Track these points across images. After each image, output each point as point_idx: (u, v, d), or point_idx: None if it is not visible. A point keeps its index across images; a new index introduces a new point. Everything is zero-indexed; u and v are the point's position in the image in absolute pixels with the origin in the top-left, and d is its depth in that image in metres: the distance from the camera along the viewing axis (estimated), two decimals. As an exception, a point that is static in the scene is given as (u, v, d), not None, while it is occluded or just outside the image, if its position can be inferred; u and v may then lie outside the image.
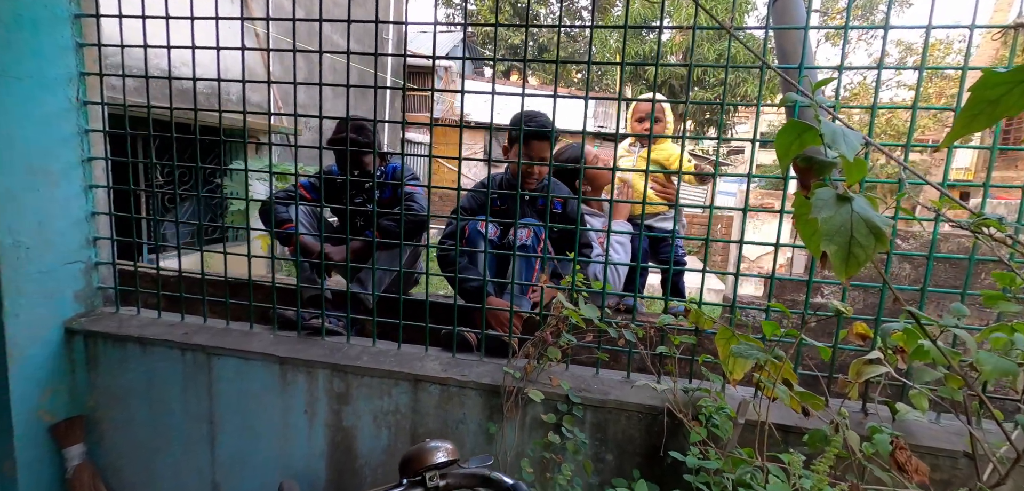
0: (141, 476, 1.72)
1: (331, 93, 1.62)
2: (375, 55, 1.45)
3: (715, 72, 14.55)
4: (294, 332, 1.66)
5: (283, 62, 6.57)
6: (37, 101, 1.48)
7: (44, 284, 1.57)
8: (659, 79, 15.34)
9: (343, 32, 1.52)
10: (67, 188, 1.60)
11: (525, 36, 1.41)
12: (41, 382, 1.59)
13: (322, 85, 1.48)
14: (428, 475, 0.72)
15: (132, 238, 1.69)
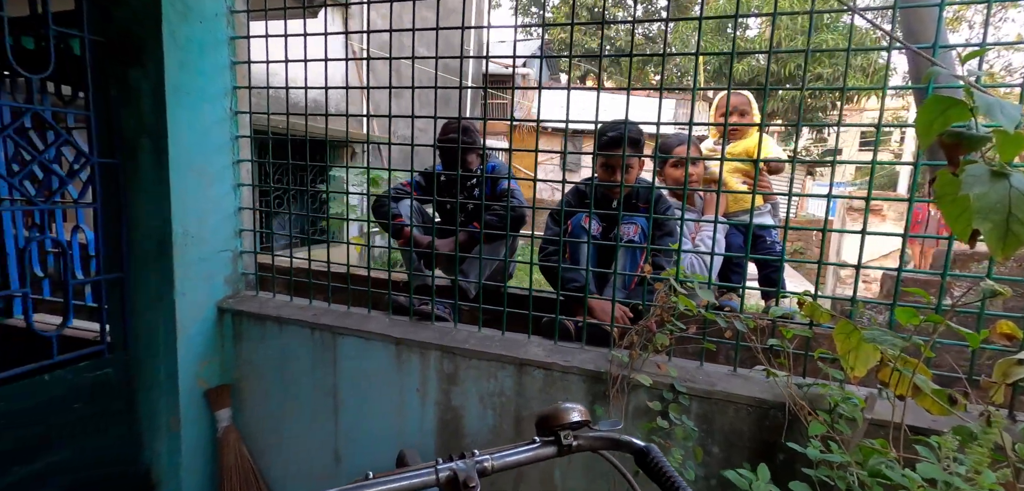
0: (273, 442, 1.94)
1: (417, 102, 1.75)
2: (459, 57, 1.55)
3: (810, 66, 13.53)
4: (406, 317, 1.80)
5: (375, 76, 7.07)
6: (201, 113, 1.74)
7: (202, 269, 1.83)
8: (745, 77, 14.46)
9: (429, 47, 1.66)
10: (220, 187, 1.86)
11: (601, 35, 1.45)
12: (199, 353, 1.86)
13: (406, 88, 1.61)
14: (562, 433, 0.77)
15: (267, 231, 1.92)
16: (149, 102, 1.63)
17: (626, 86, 1.42)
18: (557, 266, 1.63)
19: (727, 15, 1.39)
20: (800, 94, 1.29)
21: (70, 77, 1.72)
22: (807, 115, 14.38)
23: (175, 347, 1.77)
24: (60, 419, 1.56)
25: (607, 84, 16.00)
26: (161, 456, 1.86)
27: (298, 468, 1.92)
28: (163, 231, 1.70)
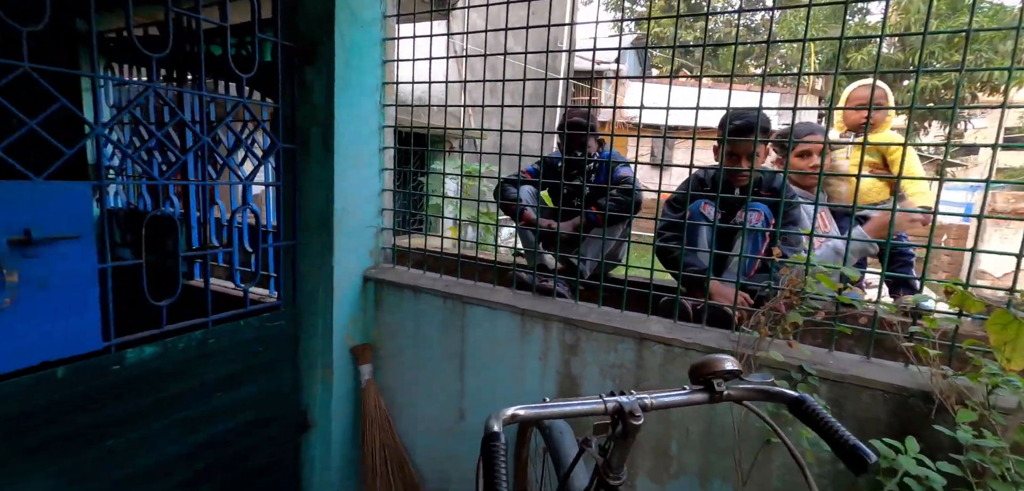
0: (406, 397, 2.19)
1: (509, 98, 1.88)
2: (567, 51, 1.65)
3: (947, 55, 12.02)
4: (529, 292, 1.96)
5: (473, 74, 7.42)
6: (358, 104, 2.01)
7: (353, 242, 2.11)
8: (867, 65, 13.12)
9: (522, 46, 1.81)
10: (368, 170, 2.13)
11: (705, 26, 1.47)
12: (347, 315, 2.14)
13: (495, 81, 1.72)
14: (715, 381, 0.86)
15: (408, 211, 2.17)
16: (320, 97, 1.92)
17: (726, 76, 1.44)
18: (674, 249, 1.69)
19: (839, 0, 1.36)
20: (959, 76, 1.24)
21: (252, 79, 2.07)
22: (940, 103, 12.78)
23: (331, 307, 2.06)
24: (248, 361, 1.89)
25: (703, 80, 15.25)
26: (316, 400, 2.17)
27: (425, 422, 2.15)
28: (326, 207, 1.99)
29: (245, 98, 1.72)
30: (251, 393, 1.92)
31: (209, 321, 1.73)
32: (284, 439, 2.10)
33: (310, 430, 2.21)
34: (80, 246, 1.34)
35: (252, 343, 1.89)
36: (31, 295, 1.25)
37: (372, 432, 2.14)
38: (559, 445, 1.29)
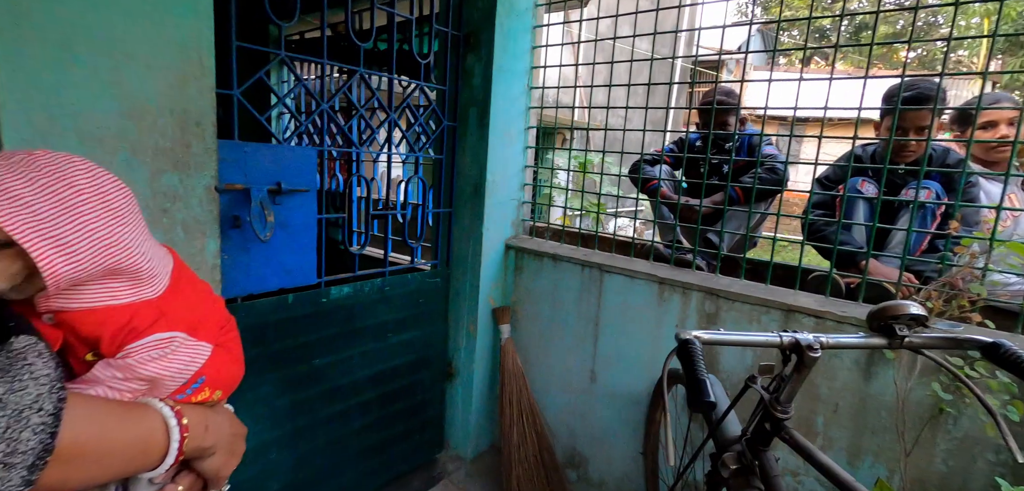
0: (540, 356, 2.37)
1: (624, 92, 1.93)
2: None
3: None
4: (666, 264, 2.03)
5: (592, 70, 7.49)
6: (511, 87, 2.22)
7: (499, 212, 2.34)
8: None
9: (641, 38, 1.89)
10: (515, 146, 2.34)
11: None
12: (491, 278, 2.38)
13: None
14: (897, 325, 0.90)
15: (550, 186, 2.34)
16: (479, 80, 2.15)
17: (863, 73, 1.38)
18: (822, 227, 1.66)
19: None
20: None
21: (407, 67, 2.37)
22: None
23: (479, 270, 2.31)
24: (412, 310, 2.19)
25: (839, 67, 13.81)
26: (461, 352, 2.44)
27: (557, 381, 2.32)
28: (479, 179, 2.23)
29: (422, 82, 2.00)
30: (414, 337, 2.23)
31: (386, 272, 2.05)
32: (434, 382, 2.40)
33: (454, 378, 2.49)
34: (308, 199, 1.68)
35: (415, 294, 2.19)
36: (279, 234, 1.61)
37: (510, 385, 2.36)
38: (710, 395, 1.37)
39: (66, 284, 0.53)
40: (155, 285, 0.62)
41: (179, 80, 1.25)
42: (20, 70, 1.03)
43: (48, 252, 0.50)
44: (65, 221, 0.52)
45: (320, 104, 1.70)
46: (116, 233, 0.56)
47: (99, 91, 1.14)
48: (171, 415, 0.61)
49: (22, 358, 0.47)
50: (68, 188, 0.53)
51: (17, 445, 0.43)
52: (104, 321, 0.57)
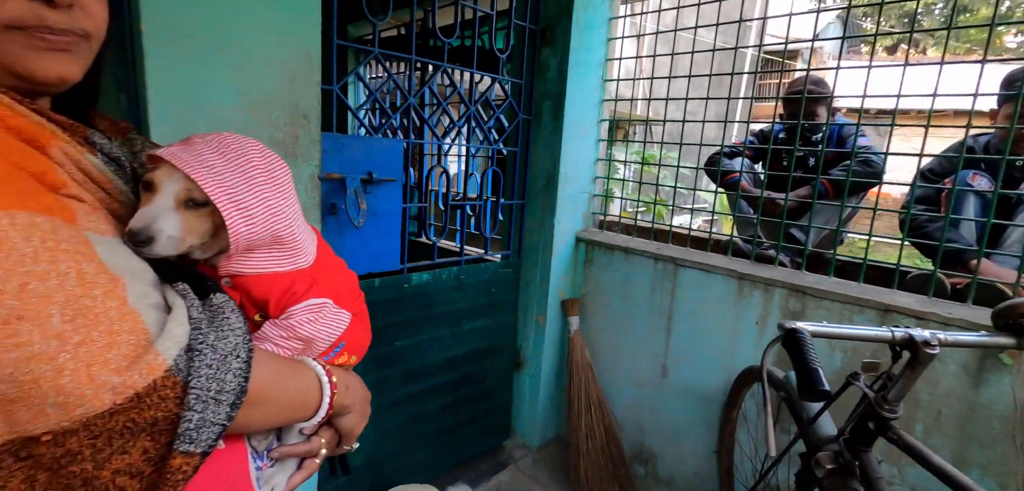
0: (609, 349, 2.37)
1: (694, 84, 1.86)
2: (869, 7, 1.58)
3: None
4: (746, 259, 1.98)
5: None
6: (584, 79, 2.23)
7: (570, 204, 2.35)
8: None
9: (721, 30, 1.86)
10: (588, 139, 2.34)
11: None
12: (561, 270, 2.40)
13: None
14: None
15: (622, 179, 2.33)
16: (554, 73, 2.18)
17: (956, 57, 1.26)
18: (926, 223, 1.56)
19: None
20: None
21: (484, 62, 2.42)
22: None
23: (549, 262, 2.34)
24: (485, 298, 2.25)
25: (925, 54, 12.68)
26: (529, 341, 2.49)
27: (626, 375, 2.31)
28: (552, 171, 2.26)
29: (499, 76, 2.05)
30: (486, 326, 2.29)
31: (462, 261, 2.12)
32: (502, 370, 2.46)
33: (522, 367, 2.53)
34: (395, 188, 1.77)
35: (488, 284, 2.25)
36: (369, 221, 1.71)
37: (578, 377, 2.37)
38: (800, 394, 1.33)
39: (243, 246, 0.61)
40: (307, 256, 0.69)
41: (290, 76, 1.36)
42: (163, 70, 1.16)
43: (234, 214, 0.58)
44: (245, 189, 0.59)
45: (407, 98, 1.78)
46: (281, 205, 0.63)
47: (224, 88, 1.26)
48: (323, 373, 0.68)
49: (221, 311, 0.55)
50: (247, 162, 0.61)
51: (223, 384, 0.51)
52: (271, 285, 0.64)
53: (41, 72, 0.51)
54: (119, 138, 0.69)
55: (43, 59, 0.50)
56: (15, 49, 0.49)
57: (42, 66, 0.50)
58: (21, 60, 0.49)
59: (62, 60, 0.52)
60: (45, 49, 0.50)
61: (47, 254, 0.43)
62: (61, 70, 0.52)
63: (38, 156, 0.48)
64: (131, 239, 0.55)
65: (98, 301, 0.45)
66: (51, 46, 0.50)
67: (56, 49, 0.51)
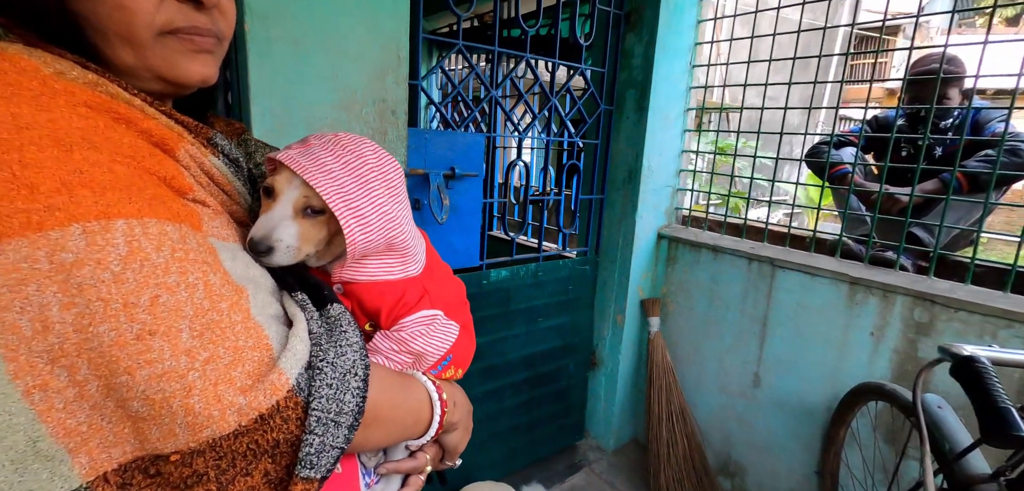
0: (692, 353, 2.24)
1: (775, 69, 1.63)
2: None
3: None
4: (856, 261, 1.78)
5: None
6: (671, 65, 2.09)
7: (652, 199, 2.23)
8: None
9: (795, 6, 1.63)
10: (673, 130, 2.20)
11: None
12: (641, 268, 2.28)
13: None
14: None
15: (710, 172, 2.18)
16: (639, 60, 2.06)
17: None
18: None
19: None
20: None
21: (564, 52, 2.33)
22: None
23: (629, 259, 2.23)
24: (562, 296, 2.19)
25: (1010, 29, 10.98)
26: (606, 342, 2.39)
27: (711, 381, 2.17)
28: (634, 164, 2.15)
29: (582, 65, 1.96)
30: (562, 324, 2.23)
31: (540, 257, 2.07)
32: (577, 370, 2.38)
33: (598, 367, 2.45)
34: (476, 183, 1.74)
35: (565, 281, 2.19)
36: (452, 217, 1.69)
37: (658, 381, 2.26)
38: (941, 423, 1.16)
39: (359, 253, 0.58)
40: (417, 263, 0.66)
41: (380, 72, 1.36)
42: (266, 68, 1.18)
43: (351, 222, 0.55)
44: (362, 194, 0.56)
45: (489, 90, 1.74)
46: (395, 210, 0.60)
47: (321, 85, 1.27)
48: (434, 390, 0.64)
49: (338, 324, 0.52)
50: (363, 165, 0.58)
51: (343, 405, 0.48)
52: (383, 294, 0.61)
53: (188, 75, 0.50)
54: (235, 139, 0.69)
55: (192, 62, 0.50)
56: (168, 54, 0.49)
57: (190, 69, 0.50)
58: (174, 64, 0.49)
59: (206, 61, 0.52)
60: (193, 51, 0.50)
61: (177, 264, 0.41)
62: (205, 71, 0.52)
63: (166, 160, 0.47)
64: (252, 249, 0.54)
65: (224, 314, 0.44)
66: (198, 48, 0.50)
67: (202, 51, 0.51)
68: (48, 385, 0.37)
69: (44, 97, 0.40)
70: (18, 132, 0.37)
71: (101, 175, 0.39)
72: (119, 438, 0.41)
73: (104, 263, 0.38)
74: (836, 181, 1.97)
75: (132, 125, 0.45)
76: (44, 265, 0.36)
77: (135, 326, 0.38)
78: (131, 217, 0.40)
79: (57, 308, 0.36)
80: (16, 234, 0.35)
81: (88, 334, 0.37)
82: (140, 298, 0.39)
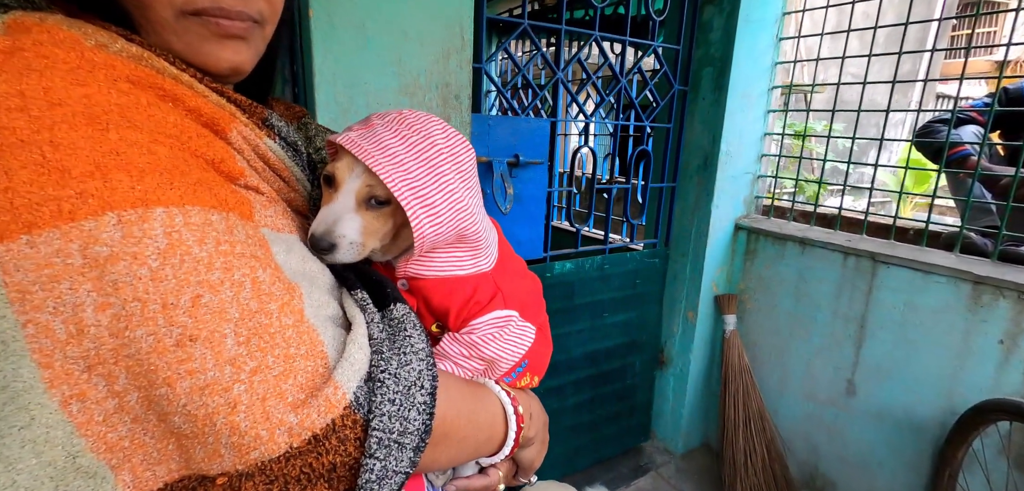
0: (774, 355, 2.05)
1: None
2: None
3: None
4: (979, 257, 1.54)
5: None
6: (755, 39, 1.90)
7: (731, 187, 2.05)
8: None
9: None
10: (755, 110, 2.01)
11: None
12: (716, 262, 2.11)
13: None
14: None
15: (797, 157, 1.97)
16: (718, 35, 1.88)
17: None
18: None
19: None
20: None
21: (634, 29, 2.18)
22: None
23: (703, 252, 2.07)
24: (628, 290, 2.07)
25: None
26: (675, 339, 2.25)
27: (796, 386, 1.97)
28: (710, 149, 1.98)
29: (654, 42, 1.82)
30: (628, 319, 2.11)
31: (606, 249, 1.95)
32: (643, 369, 2.25)
33: (666, 366, 2.31)
34: (540, 171, 1.66)
35: (632, 274, 2.06)
36: (515, 206, 1.62)
37: (734, 383, 2.09)
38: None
39: (428, 246, 0.51)
40: (489, 256, 0.59)
41: (443, 54, 1.30)
42: (330, 53, 1.15)
43: (419, 213, 0.49)
44: (430, 180, 0.50)
45: (555, 72, 1.65)
46: (467, 198, 0.53)
47: (383, 69, 1.23)
48: (508, 402, 0.57)
49: (403, 328, 0.46)
50: (431, 147, 0.51)
51: (407, 424, 0.42)
52: (453, 292, 0.55)
53: (214, 62, 0.45)
54: (294, 122, 0.64)
55: (218, 47, 0.45)
56: (190, 38, 0.44)
57: (215, 55, 0.45)
58: (196, 50, 0.44)
59: (236, 48, 0.46)
60: (220, 36, 0.45)
61: (222, 259, 0.36)
62: (235, 58, 0.46)
63: (216, 141, 0.42)
64: (313, 246, 0.49)
65: (273, 317, 0.38)
66: (225, 32, 0.45)
67: (230, 36, 0.45)
68: (86, 395, 0.33)
69: (81, 70, 0.35)
70: (50, 109, 0.32)
71: (140, 157, 0.34)
72: (164, 455, 0.36)
73: (141, 257, 0.33)
74: (954, 164, 1.71)
75: (179, 103, 0.40)
76: (77, 260, 0.31)
77: (174, 331, 0.33)
78: (172, 205, 0.35)
79: (92, 309, 0.32)
80: (47, 224, 0.31)
81: (125, 339, 0.33)
82: (180, 298, 0.34)
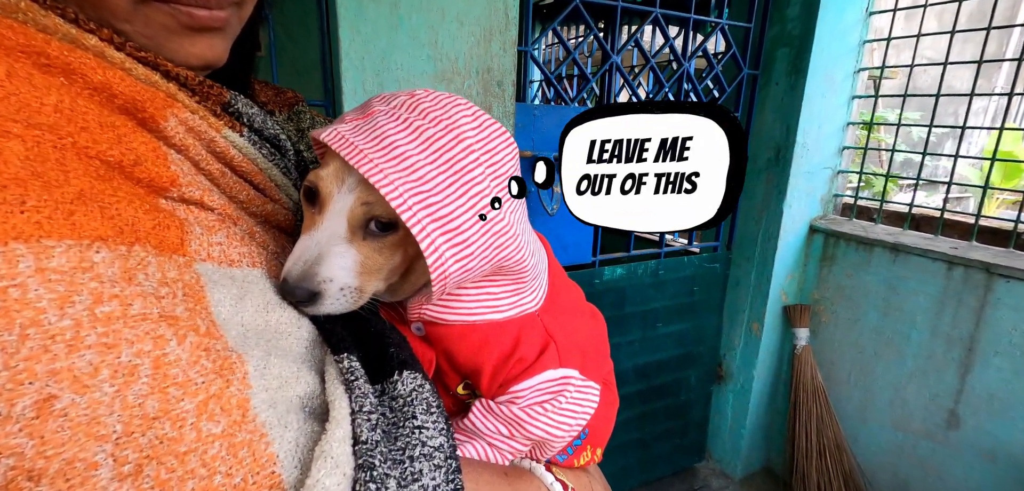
0: (855, 375, 1.80)
1: None
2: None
3: None
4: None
5: None
6: (843, 15, 1.65)
7: (806, 184, 1.81)
8: None
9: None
10: (838, 96, 1.76)
11: None
12: (786, 268, 1.88)
13: None
14: None
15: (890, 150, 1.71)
16: (796, 9, 1.64)
17: None
18: None
19: None
20: None
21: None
22: None
23: (771, 257, 1.84)
24: (685, 298, 1.87)
25: None
26: (736, 352, 2.03)
27: (881, 412, 1.73)
28: (783, 141, 1.75)
29: (722, 21, 1.61)
30: (684, 330, 1.91)
31: (661, 253, 1.76)
32: (699, 384, 2.05)
33: (724, 381, 2.09)
34: (590, 167, 1.49)
35: (689, 281, 1.86)
36: (563, 207, 1.45)
37: (806, 404, 1.86)
38: None
39: (453, 286, 0.37)
40: (536, 292, 0.44)
41: (484, 35, 1.15)
42: (358, 35, 1.03)
43: (439, 240, 0.34)
44: (455, 194, 0.35)
45: (610, 56, 1.47)
46: (507, 214, 0.39)
47: (417, 52, 1.09)
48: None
49: (409, 415, 0.32)
50: (457, 143, 0.36)
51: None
52: (485, 344, 0.41)
53: (183, 57, 0.35)
54: (284, 111, 0.51)
55: (187, 42, 0.35)
56: (152, 31, 0.33)
57: (185, 51, 0.35)
58: (159, 46, 0.34)
59: (210, 42, 0.36)
60: (191, 28, 0.35)
61: (100, 329, 0.23)
62: (207, 55, 0.37)
63: (135, 134, 0.30)
64: (284, 295, 0.35)
65: (187, 425, 0.24)
66: (198, 24, 0.35)
67: (203, 28, 0.35)
68: None
69: None
70: None
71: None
72: None
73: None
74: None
75: (74, 77, 0.27)
76: None
77: (5, 462, 0.20)
78: (15, 241, 0.21)
79: None
80: None
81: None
82: (15, 405, 0.20)
